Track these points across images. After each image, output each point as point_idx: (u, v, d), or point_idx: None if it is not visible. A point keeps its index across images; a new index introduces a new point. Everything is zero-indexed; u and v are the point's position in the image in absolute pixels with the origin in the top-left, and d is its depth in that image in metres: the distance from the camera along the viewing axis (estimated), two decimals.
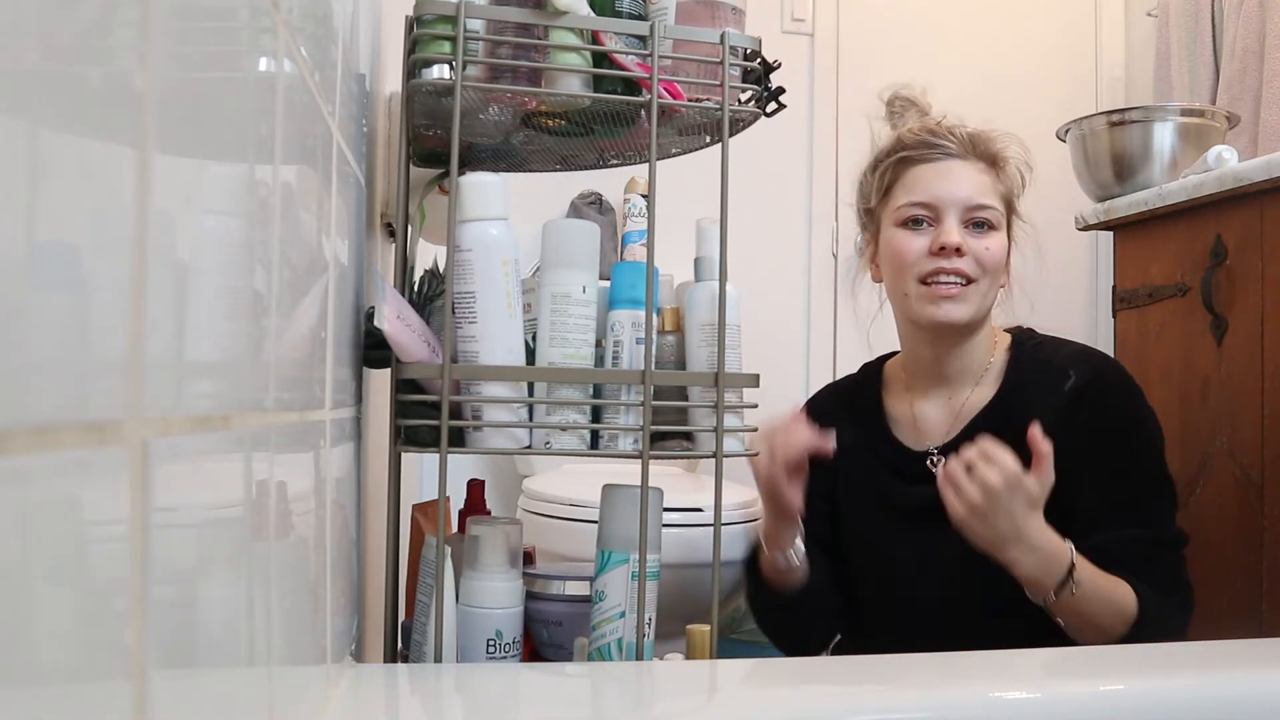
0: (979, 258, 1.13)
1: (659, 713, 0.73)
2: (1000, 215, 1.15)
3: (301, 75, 0.53)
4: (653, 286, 0.86)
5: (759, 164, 2.49)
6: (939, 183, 1.15)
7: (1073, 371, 1.13)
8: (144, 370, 0.29)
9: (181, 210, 0.34)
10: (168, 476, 0.32)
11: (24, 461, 0.22)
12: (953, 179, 1.14)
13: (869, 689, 0.74)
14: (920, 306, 1.15)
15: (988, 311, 1.17)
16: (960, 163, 1.15)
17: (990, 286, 1.15)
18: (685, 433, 0.90)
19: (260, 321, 0.44)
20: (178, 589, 0.33)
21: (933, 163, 1.16)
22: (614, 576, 0.85)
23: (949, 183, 1.14)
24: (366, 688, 0.73)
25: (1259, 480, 1.41)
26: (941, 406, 1.20)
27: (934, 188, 1.15)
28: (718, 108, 0.87)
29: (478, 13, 0.83)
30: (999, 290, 1.18)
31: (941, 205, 1.14)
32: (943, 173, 1.15)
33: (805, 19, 2.64)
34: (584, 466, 1.97)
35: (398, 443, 0.85)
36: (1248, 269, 1.45)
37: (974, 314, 1.14)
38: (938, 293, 1.13)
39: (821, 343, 2.57)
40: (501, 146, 1.02)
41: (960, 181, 1.14)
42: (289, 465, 0.53)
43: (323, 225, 0.63)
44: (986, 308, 1.16)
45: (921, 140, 1.17)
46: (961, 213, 1.14)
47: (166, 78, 0.31)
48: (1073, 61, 2.77)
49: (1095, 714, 0.70)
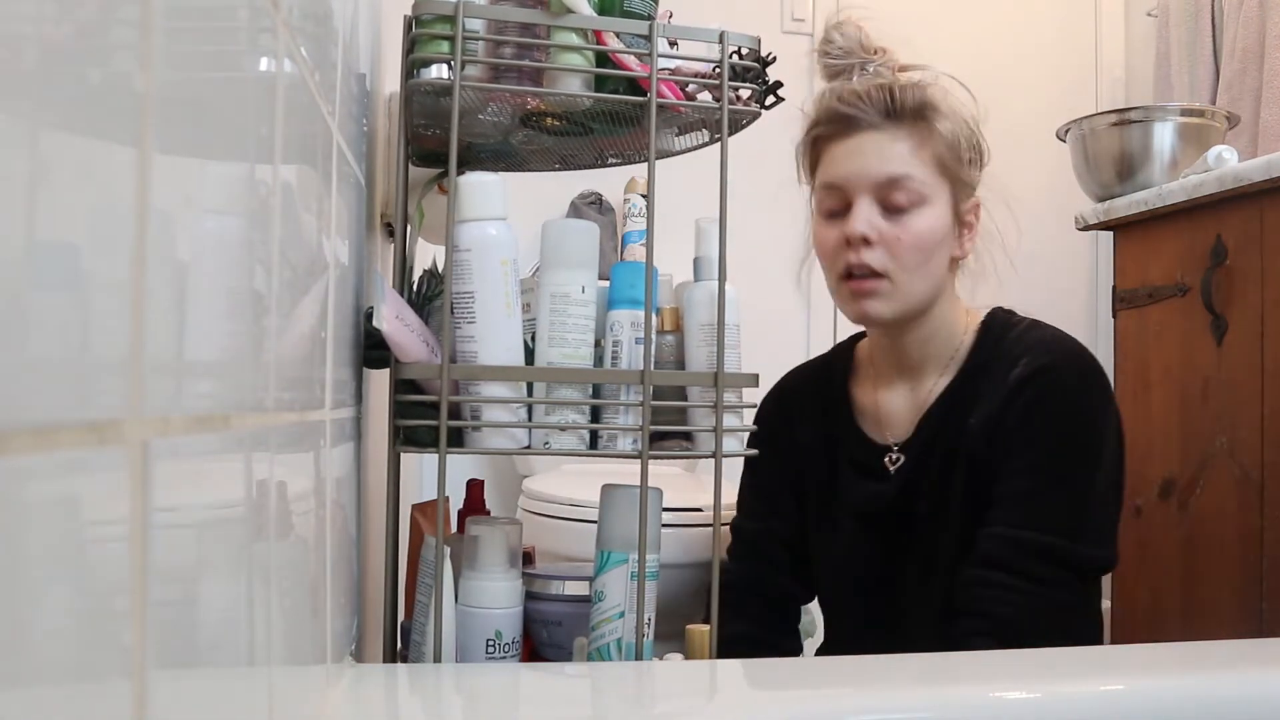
0: (890, 246, 1.00)
1: (659, 713, 0.73)
2: (925, 185, 1.00)
3: (301, 75, 0.53)
4: (652, 286, 0.86)
5: (759, 164, 2.49)
6: (847, 162, 1.02)
7: (1025, 359, 1.02)
8: (144, 370, 0.29)
9: (181, 210, 0.34)
10: (168, 476, 0.32)
11: (24, 461, 0.22)
12: (862, 155, 1.01)
13: (868, 689, 0.74)
14: (843, 305, 1.05)
15: (924, 300, 1.03)
16: (874, 134, 1.01)
17: (916, 273, 1.01)
18: (684, 433, 0.90)
19: (260, 321, 0.44)
20: (178, 589, 0.33)
21: (844, 140, 1.02)
22: (613, 576, 0.85)
23: (857, 160, 1.01)
24: (366, 688, 0.73)
25: (1259, 480, 1.41)
26: (905, 397, 1.10)
27: (842, 169, 1.02)
28: (716, 106, 0.87)
29: (476, 12, 0.83)
30: (947, 267, 1.05)
31: (850, 188, 1.01)
32: (853, 150, 1.01)
33: (805, 19, 2.64)
34: (583, 466, 1.97)
35: (397, 443, 0.85)
36: (1248, 269, 1.45)
37: (900, 309, 1.02)
38: (855, 289, 1.02)
39: (821, 342, 2.57)
40: (501, 146, 1.02)
41: (870, 156, 1.00)
42: (289, 465, 0.53)
43: (323, 225, 0.63)
44: (918, 296, 1.02)
45: (832, 113, 1.04)
46: (874, 192, 1.00)
47: (166, 78, 0.31)
48: (1073, 61, 2.77)
49: (1095, 714, 0.70)
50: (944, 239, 1.03)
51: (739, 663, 0.85)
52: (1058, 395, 1.00)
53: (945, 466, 1.05)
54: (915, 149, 1.01)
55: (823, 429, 1.15)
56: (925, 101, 1.02)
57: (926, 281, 1.02)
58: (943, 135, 1.02)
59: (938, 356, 1.08)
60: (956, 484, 1.03)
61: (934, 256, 1.02)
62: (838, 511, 1.13)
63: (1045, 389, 1.00)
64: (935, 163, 1.01)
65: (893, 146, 1.01)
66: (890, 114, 1.01)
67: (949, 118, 1.02)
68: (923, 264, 1.01)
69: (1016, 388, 1.01)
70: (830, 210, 1.04)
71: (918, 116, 1.01)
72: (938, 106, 1.02)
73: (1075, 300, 2.67)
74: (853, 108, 1.02)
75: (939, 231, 1.02)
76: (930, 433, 1.06)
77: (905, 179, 1.00)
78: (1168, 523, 1.55)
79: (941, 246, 1.03)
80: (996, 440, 1.00)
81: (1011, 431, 1.00)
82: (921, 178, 1.00)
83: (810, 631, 1.95)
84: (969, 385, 1.05)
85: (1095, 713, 0.70)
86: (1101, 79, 2.78)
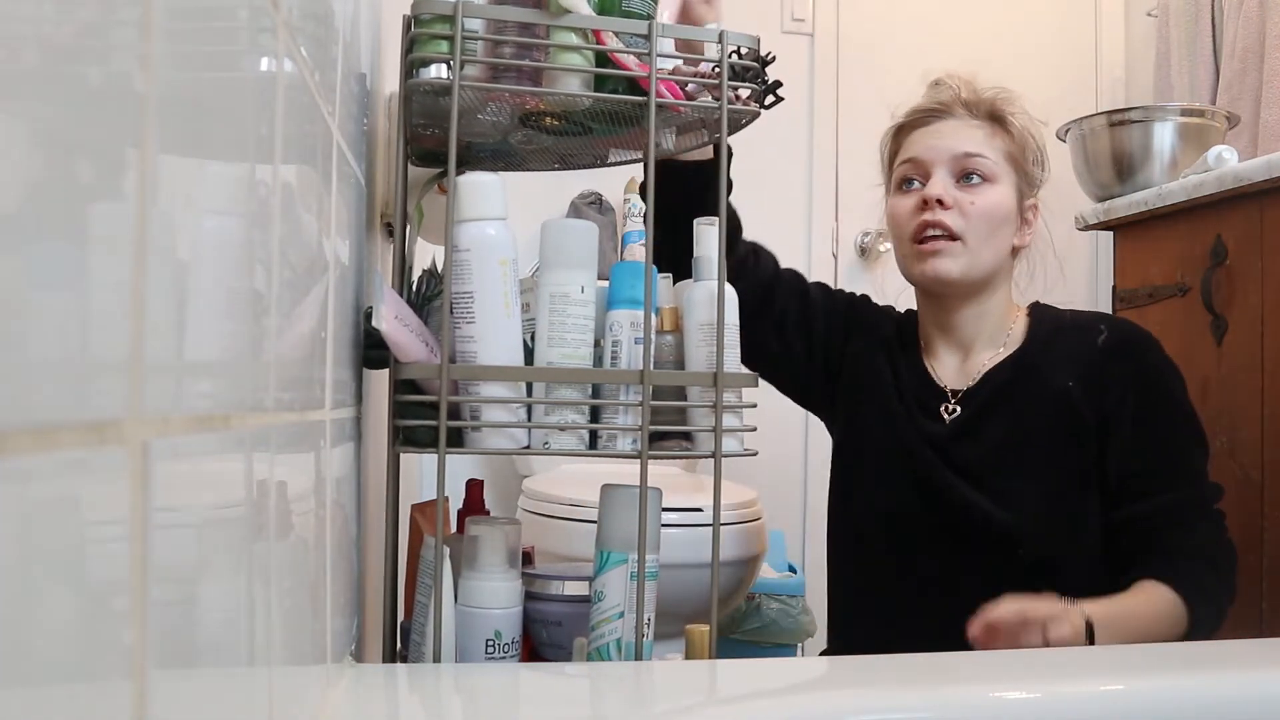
0: (964, 209, 1.10)
1: (658, 713, 0.73)
2: (996, 166, 1.12)
3: (301, 75, 0.53)
4: (651, 286, 0.86)
5: (759, 164, 2.49)
6: (928, 141, 1.14)
7: (1103, 328, 1.13)
8: (144, 370, 0.29)
9: (181, 210, 0.34)
10: (168, 476, 0.32)
11: (24, 461, 0.22)
12: (942, 135, 1.13)
13: (869, 689, 0.74)
14: (911, 265, 1.15)
15: (989, 270, 1.13)
16: (953, 120, 1.14)
17: (985, 241, 1.11)
18: (684, 433, 0.90)
19: (260, 321, 0.44)
20: (178, 589, 0.33)
21: (925, 126, 1.16)
22: (613, 576, 0.85)
23: (937, 139, 1.13)
24: (366, 688, 0.73)
25: (1259, 480, 1.41)
26: (954, 368, 1.18)
27: (920, 145, 1.15)
28: (716, 106, 0.87)
29: (476, 12, 0.83)
30: (1009, 251, 1.15)
31: (928, 160, 1.13)
32: (932, 132, 1.15)
33: (805, 19, 2.64)
34: (583, 466, 1.97)
35: (396, 443, 0.85)
36: (1248, 269, 1.45)
37: (966, 269, 1.11)
38: (925, 249, 1.11)
39: None
40: (500, 146, 1.02)
41: (948, 136, 1.13)
42: (289, 465, 0.53)
43: (323, 225, 0.63)
44: (984, 264, 1.12)
45: (915, 109, 1.18)
46: (950, 164, 1.12)
47: (166, 78, 0.31)
48: (1073, 61, 2.77)
49: (1095, 714, 0.70)
50: (1009, 217, 1.13)
51: (738, 663, 0.85)
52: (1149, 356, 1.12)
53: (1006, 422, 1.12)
54: (989, 136, 1.13)
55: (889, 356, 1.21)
56: (999, 103, 1.15)
57: (992, 252, 1.12)
58: (1013, 134, 1.15)
59: (991, 335, 1.16)
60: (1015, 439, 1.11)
61: (1000, 230, 1.12)
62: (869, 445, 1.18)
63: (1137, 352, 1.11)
64: (1005, 153, 1.14)
65: (969, 130, 1.13)
66: (968, 107, 1.15)
67: (1020, 123, 1.16)
68: (990, 234, 1.11)
69: (1108, 353, 1.11)
70: (906, 179, 1.16)
71: (992, 114, 1.14)
72: (1011, 112, 1.15)
73: (1075, 300, 2.66)
74: (935, 102, 1.16)
75: (1005, 208, 1.12)
76: (991, 391, 1.13)
77: (979, 156, 1.12)
78: None
79: (1006, 224, 1.13)
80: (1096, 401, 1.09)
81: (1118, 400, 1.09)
82: (994, 159, 1.12)
83: (811, 631, 1.95)
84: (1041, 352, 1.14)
85: (1095, 713, 0.70)
86: (1101, 79, 2.77)
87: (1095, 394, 1.10)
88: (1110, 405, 1.09)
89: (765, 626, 1.90)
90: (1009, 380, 1.13)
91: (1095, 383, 1.10)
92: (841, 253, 2.61)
